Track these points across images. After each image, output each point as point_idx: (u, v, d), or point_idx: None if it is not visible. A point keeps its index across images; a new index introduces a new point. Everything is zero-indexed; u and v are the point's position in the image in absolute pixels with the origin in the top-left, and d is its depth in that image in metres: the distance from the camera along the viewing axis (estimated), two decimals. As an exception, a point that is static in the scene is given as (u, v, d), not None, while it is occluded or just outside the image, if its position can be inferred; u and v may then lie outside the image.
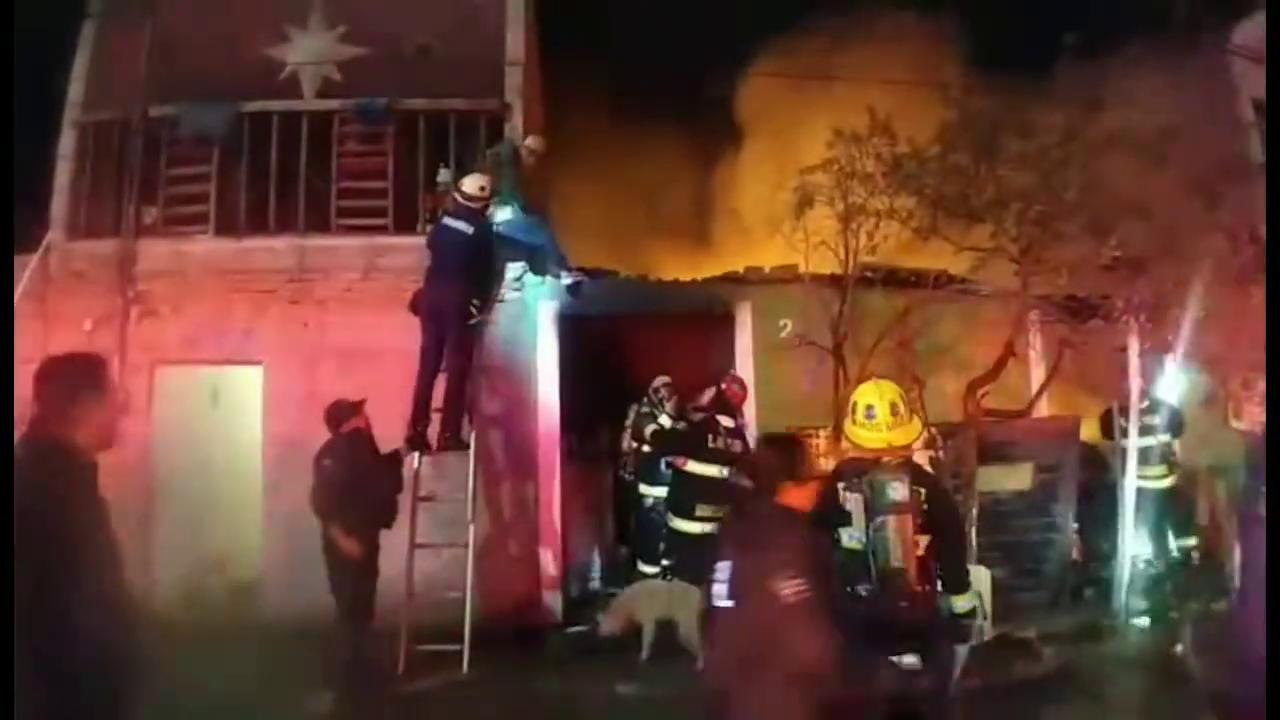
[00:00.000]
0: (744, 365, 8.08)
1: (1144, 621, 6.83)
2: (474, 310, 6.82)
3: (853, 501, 3.55)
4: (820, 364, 7.60)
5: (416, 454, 6.59)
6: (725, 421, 6.98)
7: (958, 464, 7.04)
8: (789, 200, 7.76)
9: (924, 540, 3.58)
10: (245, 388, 7.93)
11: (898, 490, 3.55)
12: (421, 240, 7.40)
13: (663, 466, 7.27)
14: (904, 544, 3.52)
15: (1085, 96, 7.18)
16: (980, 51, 9.71)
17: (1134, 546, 7.04)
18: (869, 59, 9.69)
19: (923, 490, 3.62)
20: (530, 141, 7.98)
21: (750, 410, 7.61)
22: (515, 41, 8.56)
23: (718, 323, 8.33)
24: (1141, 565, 7.15)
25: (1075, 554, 7.42)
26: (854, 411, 3.69)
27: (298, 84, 8.58)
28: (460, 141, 8.32)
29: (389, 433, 6.35)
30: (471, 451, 6.83)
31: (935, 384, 7.52)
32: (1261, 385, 6.72)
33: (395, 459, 6.27)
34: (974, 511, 6.81)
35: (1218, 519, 7.69)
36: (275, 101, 8.42)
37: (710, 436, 6.89)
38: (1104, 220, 7.15)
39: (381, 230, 8.25)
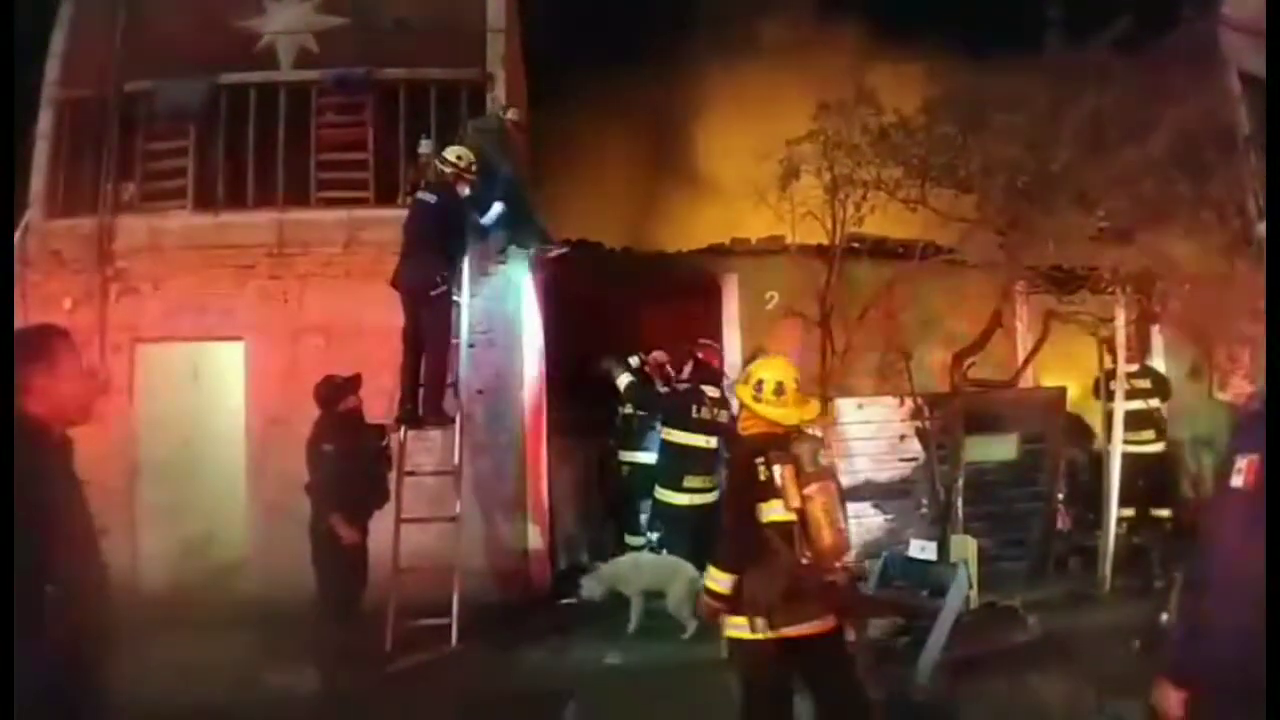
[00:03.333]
0: (730, 336, 8.06)
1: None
2: (440, 282, 6.73)
3: (779, 473, 3.54)
4: (807, 334, 7.58)
5: (403, 429, 6.54)
6: (710, 391, 6.94)
7: (944, 434, 7.08)
8: (775, 171, 7.70)
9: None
10: (226, 364, 7.85)
11: (823, 457, 3.67)
12: (404, 213, 7.30)
13: (651, 435, 7.25)
14: (836, 511, 3.58)
15: (1072, 70, 7.14)
16: (968, 23, 9.62)
17: (1119, 513, 7.10)
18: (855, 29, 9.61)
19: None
20: (510, 113, 7.87)
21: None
22: (496, 9, 8.41)
23: (704, 294, 8.30)
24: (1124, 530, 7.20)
25: (1061, 523, 7.47)
26: (761, 388, 3.70)
27: (275, 56, 8.42)
28: (441, 112, 8.20)
29: (373, 408, 6.30)
30: (457, 425, 6.79)
31: (922, 355, 7.54)
32: (1246, 357, 6.80)
33: (383, 435, 6.22)
34: (960, 482, 6.84)
35: (1201, 491, 7.76)
36: (252, 73, 8.26)
37: (695, 407, 6.84)
38: (1091, 192, 7.14)
39: (363, 203, 8.14)
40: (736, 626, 3.53)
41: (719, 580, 3.55)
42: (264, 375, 7.67)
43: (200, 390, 7.87)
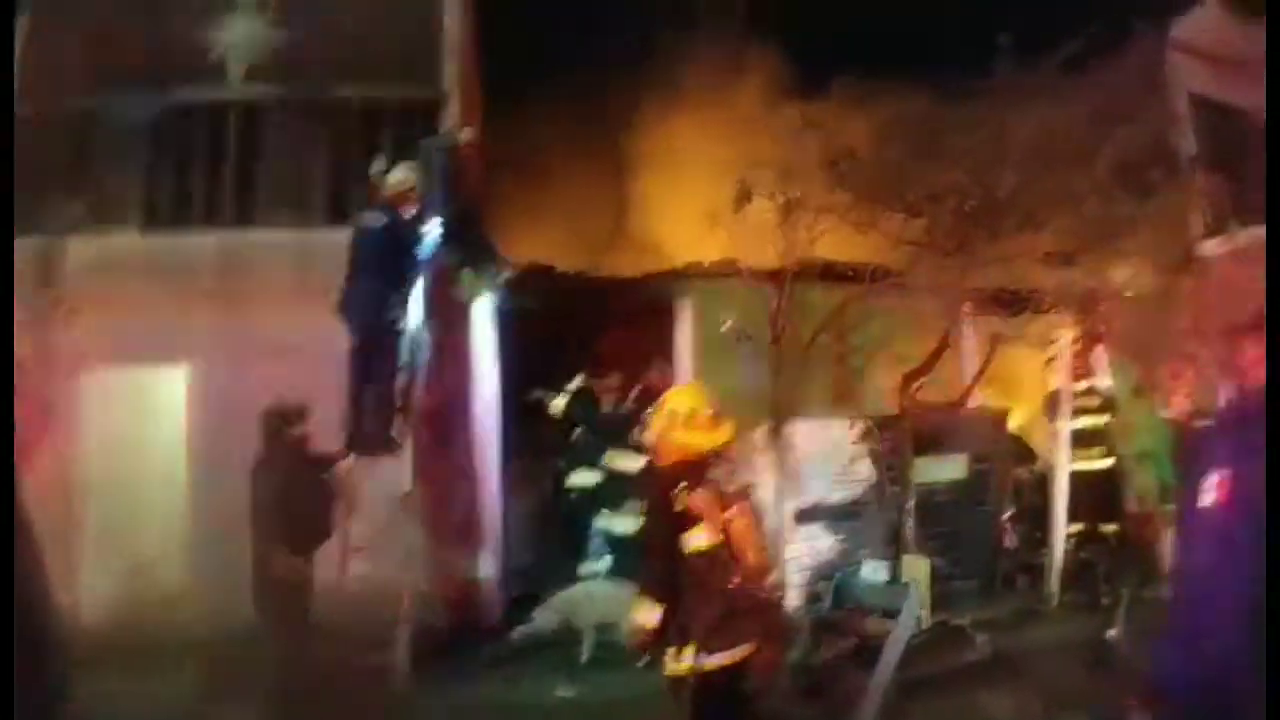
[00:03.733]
0: (684, 361, 8.07)
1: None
2: (386, 307, 6.67)
3: (697, 499, 3.61)
4: (759, 358, 7.61)
5: (351, 456, 6.44)
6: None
7: (894, 455, 7.14)
8: (728, 194, 7.77)
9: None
10: (172, 388, 7.67)
11: (740, 480, 3.89)
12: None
13: (596, 459, 7.22)
14: (757, 532, 3.71)
15: (1020, 93, 7.31)
16: (916, 50, 9.83)
17: (1067, 529, 7.20)
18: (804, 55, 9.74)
19: None
20: (464, 134, 7.84)
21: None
22: (453, 28, 8.38)
23: (659, 318, 8.31)
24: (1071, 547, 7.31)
25: (1008, 541, 7.56)
26: (675, 417, 3.76)
27: (225, 72, 8.33)
28: (395, 131, 8.14)
29: (320, 434, 6.19)
30: (407, 453, 6.70)
31: (872, 377, 7.62)
32: (1189, 375, 6.96)
33: (330, 463, 6.12)
34: (911, 502, 6.91)
35: (1146, 506, 7.89)
36: (203, 90, 8.15)
37: (637, 429, 6.76)
38: (1036, 214, 7.30)
39: (313, 223, 8.04)
40: (672, 658, 3.54)
41: (648, 612, 3.57)
42: (209, 399, 7.49)
43: (145, 414, 7.69)
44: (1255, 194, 10.58)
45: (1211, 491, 2.36)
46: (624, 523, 6.63)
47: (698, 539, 3.57)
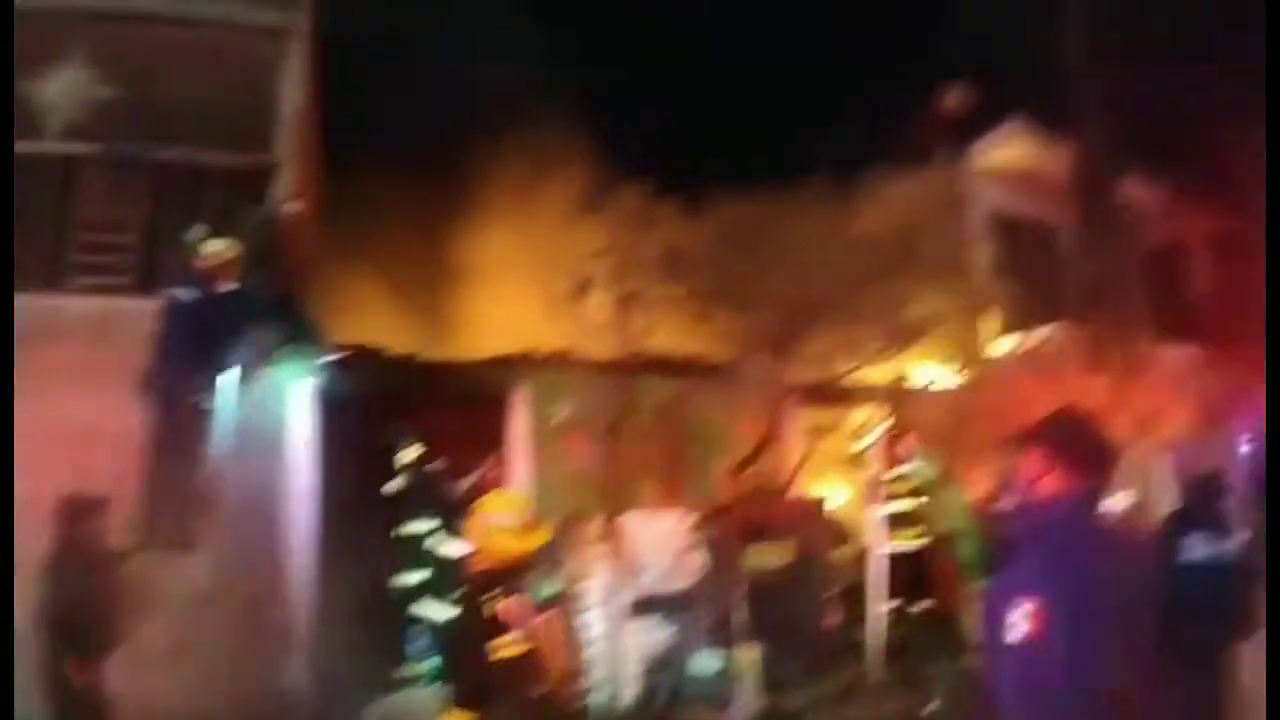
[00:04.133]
0: (518, 448, 7.96)
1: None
2: (194, 387, 6.25)
3: (508, 606, 3.68)
4: (595, 448, 7.65)
5: (147, 553, 5.84)
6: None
7: (725, 544, 7.30)
8: (567, 285, 7.91)
9: None
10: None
11: (551, 587, 3.82)
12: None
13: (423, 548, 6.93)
14: (567, 638, 3.73)
15: (837, 206, 7.99)
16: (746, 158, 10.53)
17: (884, 607, 7.56)
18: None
19: None
20: (291, 206, 7.56)
21: (523, 495, 7.50)
22: (292, 97, 8.15)
23: (493, 405, 8.19)
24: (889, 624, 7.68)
25: (832, 621, 7.84)
26: (488, 522, 3.85)
27: (43, 125, 7.67)
28: (220, 199, 7.72)
29: (114, 527, 5.60)
30: (210, 548, 6.17)
31: (704, 467, 7.81)
32: (988, 461, 7.65)
33: (124, 560, 5.53)
34: (742, 591, 7.05)
35: (951, 581, 8.48)
36: (20, 142, 7.45)
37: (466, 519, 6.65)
38: (851, 316, 7.90)
39: (122, 291, 7.41)
40: None
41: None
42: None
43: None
44: (1045, 298, 12.07)
45: (1022, 625, 2.28)
46: (443, 610, 6.33)
47: (506, 646, 3.58)
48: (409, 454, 7.35)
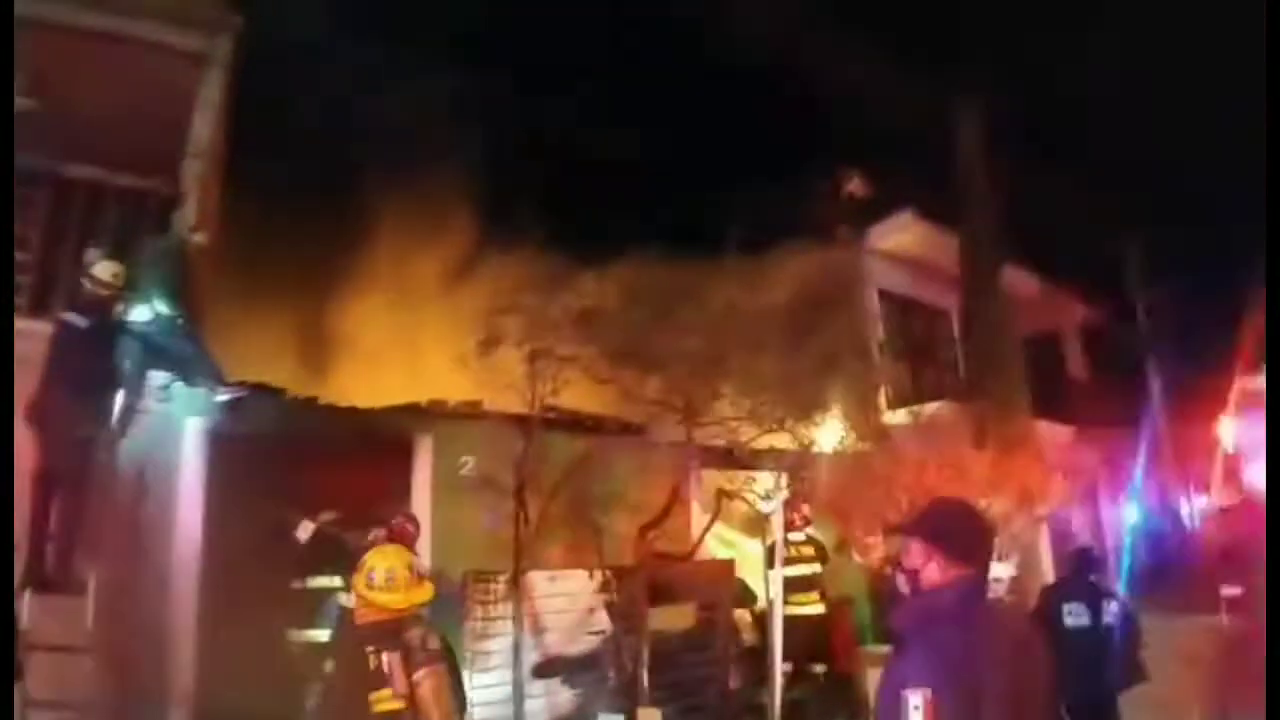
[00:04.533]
0: (421, 500, 7.79)
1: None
2: (84, 419, 5.93)
3: (386, 661, 3.73)
4: (501, 503, 7.53)
5: (27, 594, 5.43)
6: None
7: (630, 605, 7.28)
8: (476, 336, 7.84)
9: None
10: None
11: (434, 641, 3.95)
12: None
13: (330, 609, 6.65)
14: (446, 694, 3.86)
15: (743, 280, 8.26)
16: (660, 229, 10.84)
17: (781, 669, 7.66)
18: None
19: None
20: (196, 237, 7.32)
21: (425, 548, 7.32)
22: (202, 126, 7.94)
23: (395, 454, 8.00)
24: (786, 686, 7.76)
25: (734, 683, 7.88)
26: (374, 577, 3.93)
27: None
28: (122, 223, 7.41)
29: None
30: (90, 591, 5.77)
31: (609, 527, 7.79)
32: (879, 528, 7.94)
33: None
34: (645, 652, 7.02)
35: (847, 645, 8.68)
36: None
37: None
38: (754, 384, 8.10)
39: (14, 309, 6.97)
40: None
41: None
42: None
43: None
44: (931, 375, 12.74)
45: (914, 715, 2.37)
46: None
47: (385, 701, 3.62)
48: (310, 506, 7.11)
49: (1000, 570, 8.22)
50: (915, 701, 2.35)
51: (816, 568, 8.46)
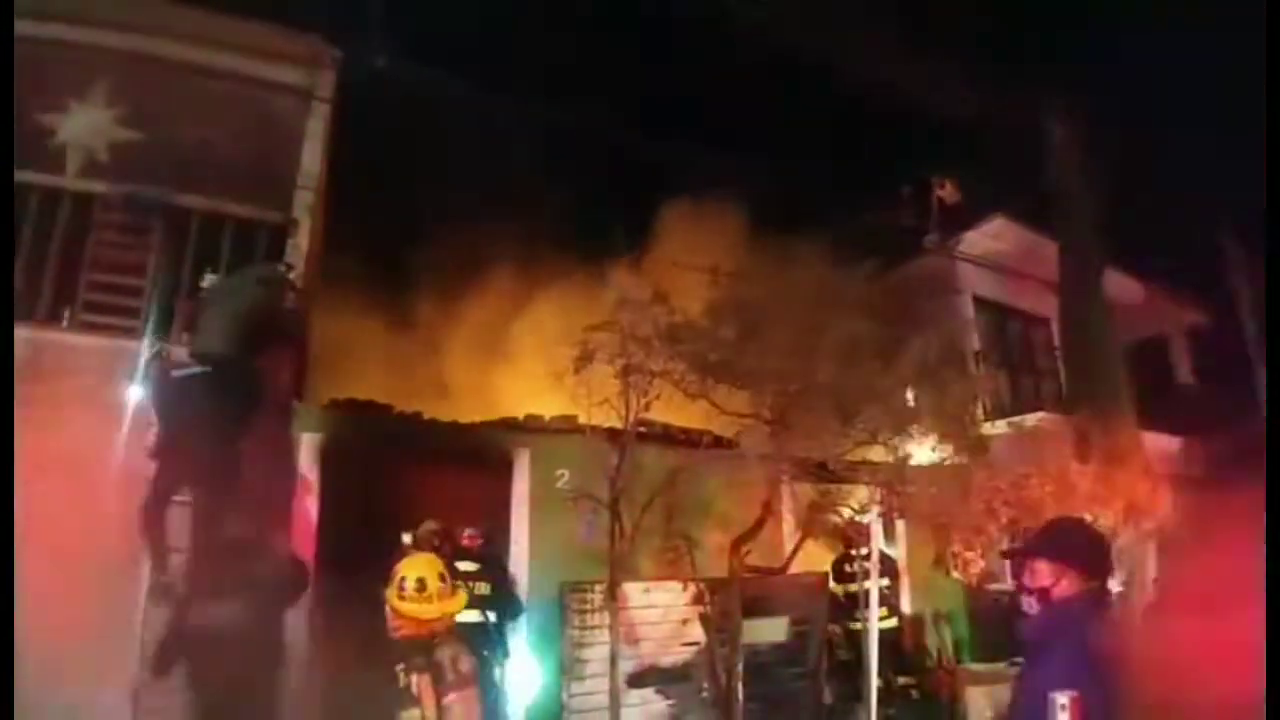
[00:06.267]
0: (519, 513, 8.01)
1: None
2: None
3: (416, 682, 3.61)
4: (596, 516, 7.69)
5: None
6: (465, 566, 6.97)
7: (723, 618, 7.34)
8: (571, 354, 8.02)
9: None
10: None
11: (465, 664, 3.71)
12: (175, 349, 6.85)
13: None
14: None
15: (832, 298, 8.23)
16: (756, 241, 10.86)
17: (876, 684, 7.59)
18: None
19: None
20: (293, 274, 7.59)
21: (523, 559, 7.55)
22: (312, 155, 8.37)
23: (495, 468, 8.26)
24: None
25: (827, 698, 7.86)
26: (404, 586, 3.79)
27: (63, 159, 7.84)
28: (234, 250, 7.89)
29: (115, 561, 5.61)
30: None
31: (701, 540, 7.87)
32: (979, 544, 7.78)
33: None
34: (739, 665, 7.07)
35: (945, 662, 8.53)
36: (37, 175, 7.60)
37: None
38: (848, 402, 8.06)
39: (130, 333, 7.51)
40: None
41: None
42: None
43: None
44: (1031, 385, 12.39)
45: (1062, 716, 2.51)
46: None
47: None
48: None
49: (1113, 585, 7.97)
50: (1062, 701, 2.49)
51: (885, 582, 8.35)
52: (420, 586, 3.70)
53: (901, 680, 8.35)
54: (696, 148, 10.45)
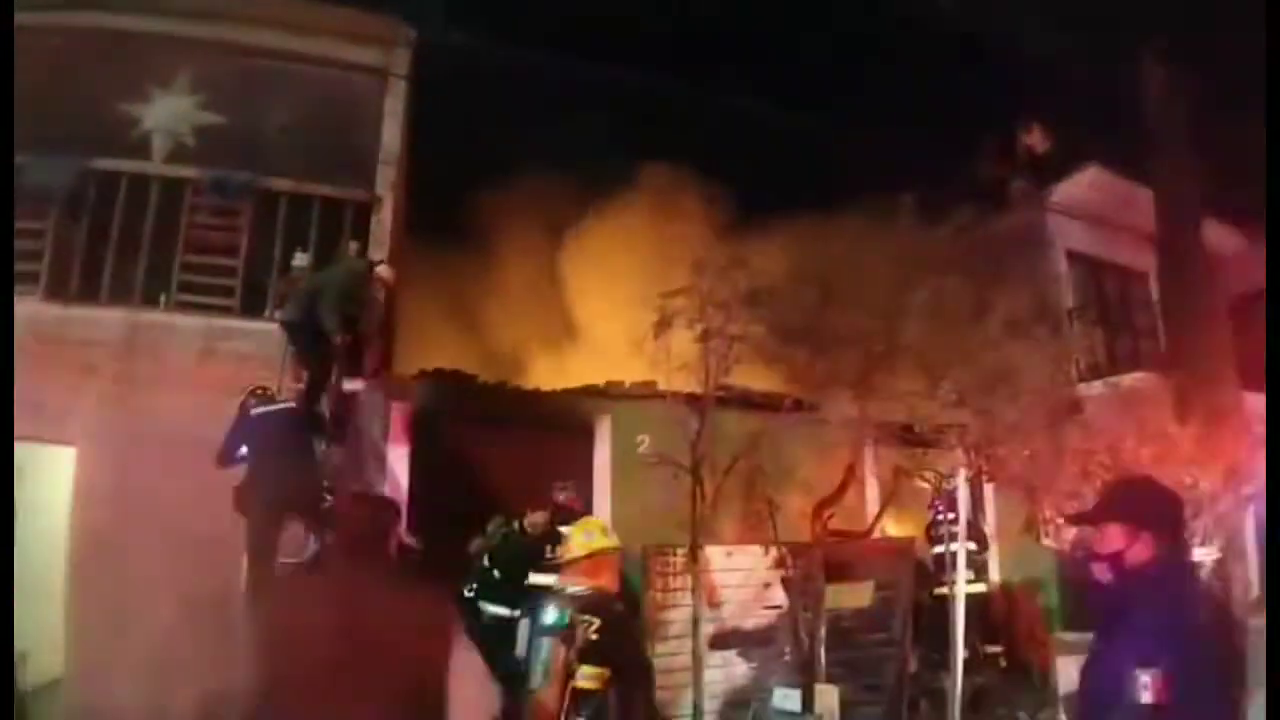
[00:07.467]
0: (601, 479, 8.12)
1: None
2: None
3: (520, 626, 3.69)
4: (677, 481, 7.73)
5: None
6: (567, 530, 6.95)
7: (806, 582, 7.33)
8: (650, 319, 8.02)
9: (590, 671, 3.55)
10: (55, 469, 7.14)
11: (551, 615, 3.72)
12: (269, 326, 7.11)
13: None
14: (551, 668, 3.58)
15: (918, 254, 8.00)
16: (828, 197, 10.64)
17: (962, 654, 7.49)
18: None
19: (595, 621, 3.62)
20: (382, 270, 7.68)
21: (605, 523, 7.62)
22: (392, 132, 8.54)
23: (577, 434, 8.37)
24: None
25: (913, 665, 7.79)
26: (588, 533, 4.01)
27: (149, 145, 8.16)
28: (322, 229, 8.12)
29: (217, 530, 5.91)
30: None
31: (783, 504, 7.85)
32: (1072, 510, 7.54)
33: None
34: (822, 629, 7.07)
35: (1034, 629, 8.35)
36: (126, 161, 7.95)
37: (550, 546, 6.76)
38: (935, 363, 7.87)
39: (225, 311, 7.83)
40: None
41: None
42: (93, 486, 7.02)
43: (24, 495, 7.04)
44: (1128, 343, 11.87)
45: (1146, 691, 2.38)
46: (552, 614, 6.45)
47: (585, 679, 3.52)
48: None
49: (1202, 554, 7.66)
50: (1145, 680, 2.37)
51: (972, 546, 8.16)
52: (588, 535, 3.96)
53: (989, 649, 8.21)
54: (779, 106, 10.25)
